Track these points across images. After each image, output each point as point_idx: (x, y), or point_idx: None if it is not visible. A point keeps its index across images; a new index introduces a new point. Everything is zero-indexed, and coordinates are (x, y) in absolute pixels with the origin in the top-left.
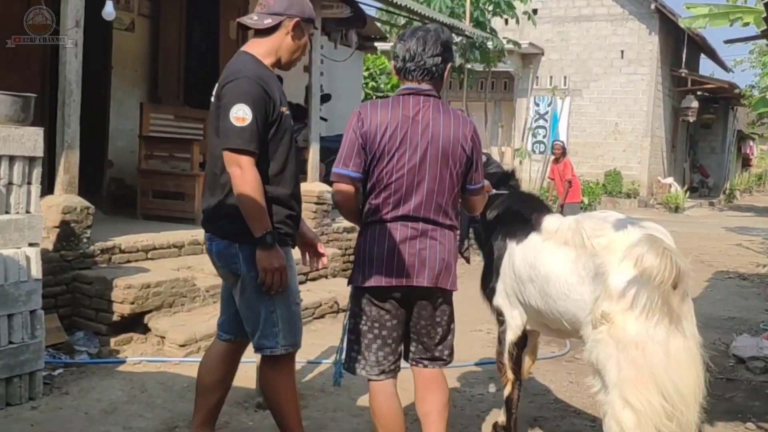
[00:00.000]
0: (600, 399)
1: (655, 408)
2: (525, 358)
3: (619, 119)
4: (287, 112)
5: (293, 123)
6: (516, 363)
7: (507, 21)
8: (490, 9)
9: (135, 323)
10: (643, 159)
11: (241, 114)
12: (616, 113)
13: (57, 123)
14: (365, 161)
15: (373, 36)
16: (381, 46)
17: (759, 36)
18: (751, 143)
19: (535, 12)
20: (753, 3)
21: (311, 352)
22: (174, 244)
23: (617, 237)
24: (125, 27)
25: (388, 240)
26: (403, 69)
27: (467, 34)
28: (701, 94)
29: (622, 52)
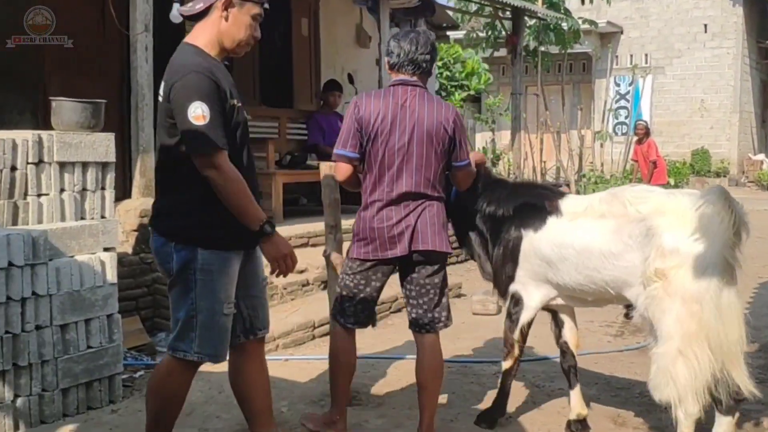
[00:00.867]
0: (651, 352)
1: (705, 361)
2: (569, 334)
3: (705, 95)
4: (239, 104)
5: None
6: (524, 340)
7: (582, 1)
8: None
9: None
10: (732, 136)
11: (200, 112)
12: (701, 89)
13: (131, 127)
14: (361, 143)
15: (445, 24)
16: (453, 34)
17: None
18: None
19: None
20: None
21: (387, 347)
22: None
23: (665, 201)
24: None
25: (384, 214)
26: (398, 64)
27: (540, 16)
28: None
29: (705, 25)
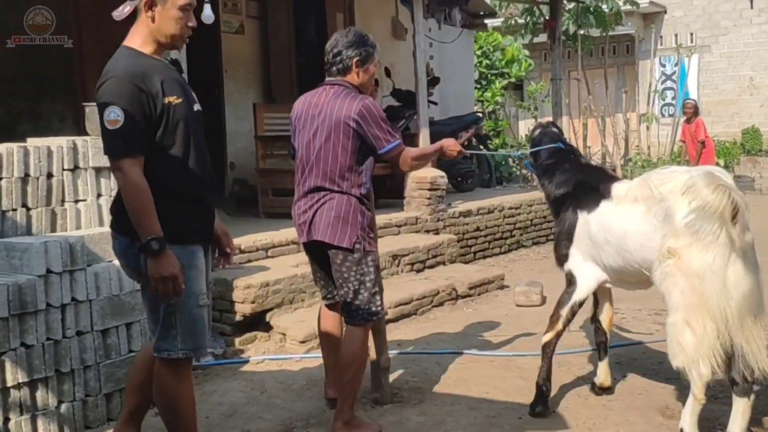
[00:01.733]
0: (666, 322)
1: (709, 330)
2: (604, 314)
3: (754, 73)
4: (178, 101)
5: (404, 109)
6: (572, 317)
7: None
8: None
9: (258, 322)
10: None
11: (113, 117)
12: (750, 67)
13: None
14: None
15: (482, 12)
16: (491, 22)
17: None
18: None
19: None
20: None
21: (429, 342)
22: (293, 240)
23: (680, 180)
24: (235, 30)
25: (298, 204)
26: (325, 66)
27: None
28: None
29: (751, 1)
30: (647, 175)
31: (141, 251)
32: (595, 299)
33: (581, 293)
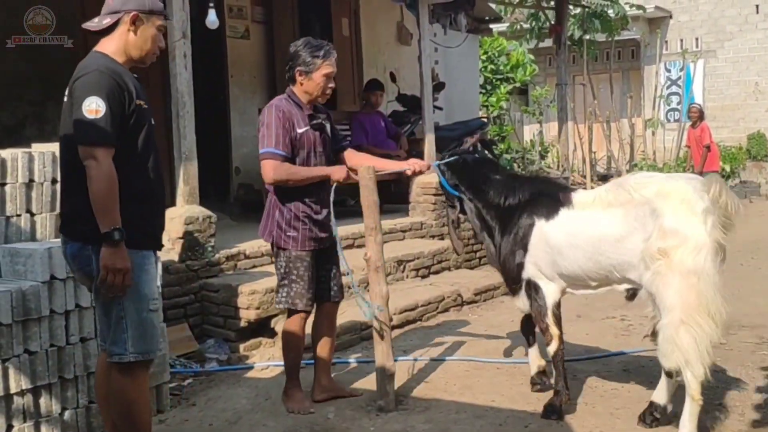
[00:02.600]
0: (658, 324)
1: (706, 329)
2: None
3: (760, 78)
4: (145, 105)
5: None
6: (558, 320)
7: None
8: None
9: (263, 327)
10: None
11: (94, 106)
12: (755, 72)
13: (173, 135)
14: None
15: (487, 18)
16: (497, 27)
17: None
18: None
19: None
20: None
21: (435, 349)
22: None
23: (666, 184)
24: (240, 35)
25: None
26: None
27: (584, 3)
28: None
29: (756, 6)
30: (620, 181)
31: (102, 239)
32: None
33: (553, 296)
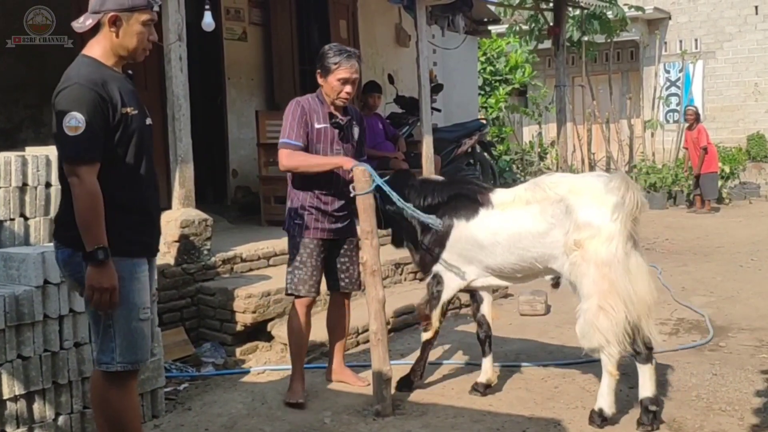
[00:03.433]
0: (577, 308)
1: (620, 312)
2: (486, 308)
3: (759, 78)
4: (134, 112)
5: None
6: (444, 315)
7: None
8: None
9: (259, 331)
10: None
11: (74, 123)
12: (754, 72)
13: (168, 138)
14: None
15: (486, 19)
16: (495, 29)
17: None
18: None
19: None
20: None
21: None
22: None
23: (576, 182)
24: (237, 37)
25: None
26: None
27: (583, 5)
28: None
29: (756, 7)
30: (537, 180)
31: (84, 259)
32: (475, 297)
33: (450, 293)
